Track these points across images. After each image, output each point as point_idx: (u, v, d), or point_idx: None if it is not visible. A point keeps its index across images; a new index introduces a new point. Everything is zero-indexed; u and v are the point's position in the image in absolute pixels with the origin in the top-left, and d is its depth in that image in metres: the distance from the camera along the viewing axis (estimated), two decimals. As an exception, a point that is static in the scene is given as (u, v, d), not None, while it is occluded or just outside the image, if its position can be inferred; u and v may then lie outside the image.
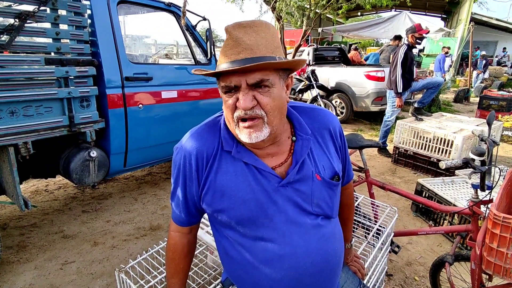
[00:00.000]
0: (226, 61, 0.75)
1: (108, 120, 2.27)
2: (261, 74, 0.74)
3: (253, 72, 0.74)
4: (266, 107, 0.76)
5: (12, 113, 1.76)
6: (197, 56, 3.08)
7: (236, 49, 0.74)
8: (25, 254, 2.19)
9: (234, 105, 0.77)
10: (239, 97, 0.75)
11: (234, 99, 0.77)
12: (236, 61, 0.74)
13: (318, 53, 7.24)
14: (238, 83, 0.75)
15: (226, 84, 0.76)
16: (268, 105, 0.76)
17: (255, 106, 0.75)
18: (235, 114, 0.78)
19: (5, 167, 1.88)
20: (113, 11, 2.31)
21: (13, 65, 1.75)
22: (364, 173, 2.03)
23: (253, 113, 0.76)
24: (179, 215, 0.96)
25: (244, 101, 0.74)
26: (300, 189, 0.86)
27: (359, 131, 5.82)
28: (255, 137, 0.77)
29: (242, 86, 0.75)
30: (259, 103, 0.76)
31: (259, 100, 0.76)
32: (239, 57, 0.74)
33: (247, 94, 0.75)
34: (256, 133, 0.77)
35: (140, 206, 2.89)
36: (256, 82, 0.74)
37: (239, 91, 0.76)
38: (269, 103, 0.76)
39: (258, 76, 0.74)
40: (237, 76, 0.74)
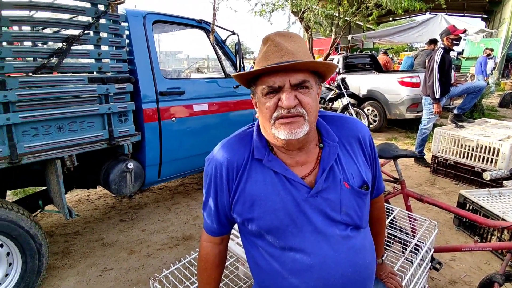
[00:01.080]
0: (269, 64, 0.80)
1: (144, 133, 2.38)
2: (303, 75, 0.80)
3: (296, 72, 0.79)
4: (307, 106, 0.81)
5: (59, 129, 1.91)
6: (227, 69, 3.16)
7: (279, 53, 0.80)
8: (68, 260, 2.33)
9: (275, 105, 0.81)
10: (282, 97, 0.79)
11: (275, 100, 0.81)
12: (279, 63, 0.78)
13: (348, 61, 7.14)
14: (282, 84, 0.79)
15: (269, 85, 0.81)
16: (309, 104, 0.81)
17: (297, 105, 0.80)
18: (274, 114, 0.82)
19: (53, 178, 2.03)
20: (148, 30, 2.45)
21: (61, 85, 1.90)
22: (400, 184, 1.94)
23: (295, 111, 0.80)
24: (211, 225, 0.99)
25: (288, 99, 0.78)
26: (329, 198, 0.86)
27: (394, 140, 5.60)
28: (296, 133, 0.80)
29: (286, 86, 0.79)
30: (301, 102, 0.80)
31: (300, 99, 0.80)
32: (282, 60, 0.79)
33: (290, 93, 0.79)
34: (297, 129, 0.80)
35: (173, 216, 2.98)
36: (298, 83, 0.80)
37: (280, 92, 0.80)
38: (310, 103, 0.81)
39: (300, 77, 0.80)
40: (281, 77, 0.79)
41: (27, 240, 1.86)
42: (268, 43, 0.83)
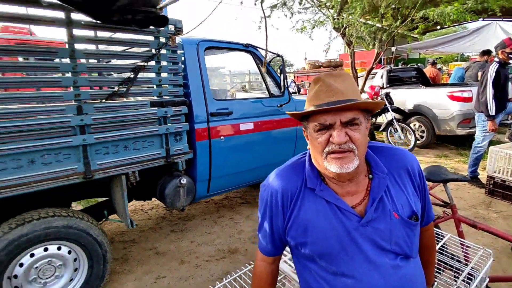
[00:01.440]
0: (320, 103, 0.88)
1: (196, 151, 2.57)
2: (352, 113, 0.87)
3: (347, 111, 0.86)
4: (357, 141, 0.87)
5: (125, 148, 2.16)
6: (271, 88, 3.29)
7: (330, 93, 0.88)
8: (127, 266, 2.56)
9: (327, 141, 0.88)
10: (333, 134, 0.86)
11: (327, 136, 0.88)
12: (330, 103, 0.86)
13: (392, 75, 6.95)
14: (333, 121, 0.87)
15: (321, 123, 0.88)
16: (359, 140, 0.87)
17: (347, 140, 0.86)
18: (326, 149, 0.89)
19: (118, 191, 2.27)
20: (201, 56, 2.67)
21: (128, 109, 2.16)
22: (450, 208, 1.89)
23: (346, 146, 0.86)
24: (266, 246, 1.07)
25: (339, 136, 0.85)
26: (379, 227, 0.90)
27: (444, 157, 5.31)
28: (347, 167, 0.86)
29: (336, 124, 0.86)
30: (351, 138, 0.87)
31: (350, 135, 0.87)
32: (333, 99, 0.87)
33: (341, 130, 0.86)
34: (348, 164, 0.86)
35: (219, 229, 3.12)
36: (349, 120, 0.86)
37: (331, 129, 0.87)
38: (359, 138, 0.87)
39: (350, 115, 0.86)
40: (332, 115, 0.86)
41: (94, 247, 2.09)
42: (319, 83, 0.91)
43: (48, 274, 1.99)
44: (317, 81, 0.93)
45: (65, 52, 1.87)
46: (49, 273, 1.99)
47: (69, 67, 1.88)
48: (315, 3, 6.90)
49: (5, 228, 1.81)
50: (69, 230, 1.98)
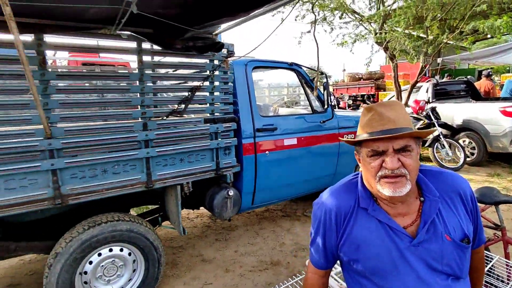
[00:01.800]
0: (373, 131, 0.96)
1: (242, 165, 2.72)
2: (404, 141, 0.93)
3: (399, 139, 0.93)
4: (409, 167, 0.93)
5: (181, 160, 2.36)
6: (314, 104, 3.38)
7: (382, 121, 0.95)
8: (176, 271, 2.74)
9: (379, 166, 0.95)
10: (386, 160, 0.94)
11: (379, 161, 0.95)
12: (384, 131, 0.94)
13: (439, 88, 6.68)
14: (386, 148, 0.94)
15: (374, 149, 0.96)
16: (411, 165, 0.93)
17: (400, 166, 0.93)
18: (379, 173, 0.95)
19: (172, 200, 2.48)
20: (249, 76, 2.85)
21: (185, 126, 2.37)
22: (501, 231, 1.82)
23: (398, 171, 0.93)
24: (318, 260, 1.15)
25: (391, 162, 0.92)
26: (431, 248, 0.94)
27: (496, 176, 4.98)
28: (399, 191, 0.93)
29: (389, 151, 0.94)
30: (403, 164, 0.93)
31: (403, 161, 0.93)
32: (385, 127, 0.94)
33: (394, 156, 0.93)
34: (400, 188, 0.92)
35: (261, 240, 3.22)
36: (401, 147, 0.93)
37: (384, 155, 0.94)
38: (411, 164, 0.93)
39: (402, 143, 0.93)
40: (385, 143, 0.94)
41: (151, 251, 2.29)
42: (372, 112, 0.99)
43: (112, 272, 2.21)
44: (369, 110, 1.00)
45: (135, 75, 2.13)
46: (112, 271, 2.22)
47: (138, 88, 2.14)
48: (357, 17, 6.91)
49: (80, 229, 2.06)
50: (131, 233, 2.19)
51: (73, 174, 1.98)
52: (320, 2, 6.51)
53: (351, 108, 11.98)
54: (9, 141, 1.77)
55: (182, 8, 1.63)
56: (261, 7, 1.66)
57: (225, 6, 1.61)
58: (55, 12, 1.60)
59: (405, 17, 5.57)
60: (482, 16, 5.80)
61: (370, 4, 7.00)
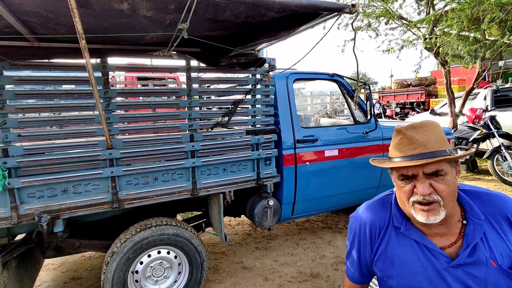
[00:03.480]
0: (402, 155, 0.95)
1: (283, 175, 2.77)
2: (436, 165, 0.90)
3: (429, 164, 0.89)
4: (442, 193, 0.89)
5: (224, 170, 2.49)
6: (356, 115, 3.32)
7: (411, 145, 0.93)
8: (218, 276, 2.85)
9: (411, 191, 0.93)
10: (417, 185, 0.91)
11: (411, 186, 0.93)
12: (412, 156, 0.92)
13: (499, 95, 6.12)
14: (416, 173, 0.92)
15: (404, 173, 0.94)
16: (444, 191, 0.89)
17: (432, 192, 0.90)
18: (411, 199, 0.93)
19: (215, 208, 2.61)
20: (290, 88, 2.91)
21: (228, 137, 2.50)
22: None
23: (430, 198, 0.90)
24: (353, 273, 1.16)
25: (422, 188, 0.90)
26: (473, 273, 0.90)
27: None
28: (433, 219, 0.90)
29: (419, 176, 0.91)
30: (435, 189, 0.90)
31: (435, 187, 0.90)
32: (414, 152, 0.92)
33: (424, 182, 0.90)
34: (434, 216, 0.90)
35: (301, 251, 3.22)
36: (432, 172, 0.90)
37: (415, 179, 0.92)
38: (445, 189, 0.89)
39: (434, 167, 0.90)
40: (415, 168, 0.91)
41: (195, 255, 2.42)
42: (400, 136, 0.96)
43: (159, 273, 2.38)
44: (398, 133, 0.98)
45: (184, 91, 2.32)
46: (159, 272, 2.38)
47: (186, 103, 2.32)
48: (404, 23, 6.64)
49: (133, 231, 2.26)
50: (177, 238, 2.35)
51: (128, 181, 2.20)
52: (364, 10, 6.39)
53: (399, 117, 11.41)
54: (77, 151, 2.03)
55: (227, 30, 1.76)
56: (301, 26, 1.72)
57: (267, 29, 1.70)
58: (119, 38, 1.83)
59: (459, 20, 5.23)
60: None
61: (419, 8, 6.69)
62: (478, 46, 5.60)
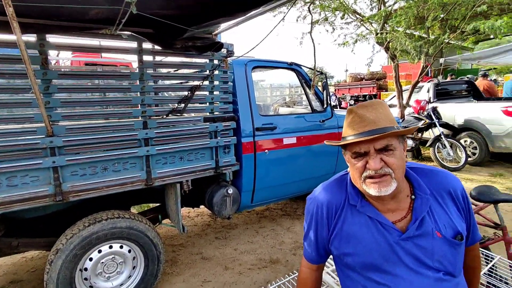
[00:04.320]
0: (354, 133, 0.98)
1: (242, 163, 2.75)
2: (385, 140, 0.94)
3: (379, 139, 0.94)
4: (392, 166, 0.94)
5: (181, 159, 2.39)
6: (313, 103, 3.39)
7: (362, 123, 0.97)
8: (176, 268, 2.76)
9: (363, 167, 0.97)
10: (369, 161, 0.95)
11: (363, 162, 0.97)
12: (363, 133, 0.95)
13: (440, 88, 6.68)
14: (367, 149, 0.95)
15: (356, 151, 0.98)
16: (394, 164, 0.94)
17: (383, 166, 0.94)
18: (363, 174, 0.97)
19: (172, 198, 2.51)
20: (249, 75, 2.87)
21: (185, 124, 2.40)
22: (501, 230, 1.83)
23: (382, 171, 0.94)
24: (310, 254, 1.18)
25: (374, 163, 0.94)
26: (421, 244, 0.95)
27: (498, 176, 4.97)
28: (385, 190, 0.94)
29: (371, 152, 0.95)
30: (386, 163, 0.94)
31: (386, 161, 0.95)
32: (365, 129, 0.96)
33: (376, 157, 0.95)
34: (386, 187, 0.94)
35: (261, 239, 3.24)
36: (382, 147, 0.94)
37: (367, 156, 0.96)
38: (395, 162, 0.95)
39: (383, 143, 0.94)
40: (366, 144, 0.95)
41: (150, 248, 2.31)
42: (352, 115, 1.00)
43: (112, 269, 2.24)
44: (350, 112, 1.02)
45: (136, 75, 2.17)
46: (112, 268, 2.24)
47: (139, 87, 2.17)
48: (358, 18, 6.92)
49: (81, 226, 2.09)
50: (131, 231, 2.22)
51: (74, 171, 2.01)
52: (321, 3, 6.53)
53: (353, 109, 11.94)
54: (11, 138, 1.80)
55: (181, 9, 1.66)
56: (258, 8, 1.68)
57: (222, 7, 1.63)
58: (57, 13, 1.64)
59: (406, 17, 5.57)
60: (483, 17, 5.79)
61: (371, 4, 7.00)
62: (423, 43, 6.03)
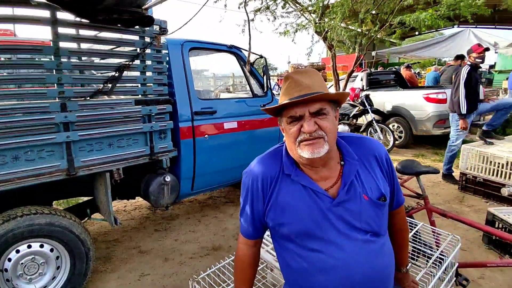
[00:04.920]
0: (290, 97, 0.97)
1: (180, 149, 2.61)
2: (320, 104, 0.96)
3: (314, 103, 0.95)
4: (325, 129, 0.96)
5: (110, 145, 2.17)
6: (254, 89, 3.36)
7: (298, 88, 0.97)
8: (110, 265, 2.55)
9: (298, 131, 0.97)
10: (304, 124, 0.95)
11: (298, 126, 0.97)
12: (299, 97, 0.95)
13: (372, 78, 7.19)
14: (303, 113, 0.95)
15: (292, 115, 0.97)
16: (328, 127, 0.96)
17: (317, 129, 0.95)
18: (298, 138, 0.97)
19: (101, 189, 2.28)
20: (185, 56, 2.71)
21: (113, 107, 2.17)
22: (423, 199, 2.01)
23: (316, 134, 0.95)
24: (247, 229, 1.14)
25: (308, 126, 0.94)
26: (350, 208, 0.99)
27: (421, 156, 5.54)
28: (318, 152, 0.95)
29: (306, 115, 0.95)
30: (320, 126, 0.95)
31: (319, 124, 0.95)
32: (301, 93, 0.96)
33: (310, 120, 0.95)
34: (318, 149, 0.95)
35: (203, 227, 3.15)
36: (316, 111, 0.95)
37: (302, 120, 0.96)
38: (328, 126, 0.96)
39: (318, 106, 0.95)
40: (301, 107, 0.95)
41: (77, 245, 2.08)
42: (289, 81, 1.00)
43: (33, 271, 1.98)
44: (286, 79, 1.02)
45: (50, 50, 1.88)
46: (33, 270, 1.98)
47: (54, 64, 1.89)
48: (298, 7, 7.07)
49: (-8, 224, 1.79)
50: (52, 227, 1.97)
51: (-28, 161, 1.70)
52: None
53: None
54: None
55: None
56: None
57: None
58: None
59: (342, 8, 5.85)
60: (410, 11, 6.34)
61: (311, -6, 7.20)
62: (357, 33, 6.41)
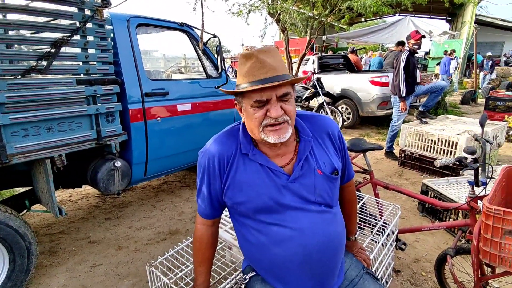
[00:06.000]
0: (256, 79, 0.93)
1: (130, 133, 2.47)
2: (286, 88, 0.94)
3: (281, 87, 0.93)
4: (290, 113, 0.96)
5: (49, 129, 1.97)
6: (208, 70, 3.27)
7: (264, 69, 0.93)
8: (56, 258, 2.38)
9: (264, 115, 0.95)
10: (270, 109, 0.93)
11: (264, 110, 0.94)
12: (266, 79, 0.92)
13: (322, 61, 7.43)
14: (269, 97, 0.93)
15: (258, 99, 0.93)
16: (291, 112, 0.96)
17: (283, 114, 0.94)
18: (263, 123, 0.95)
19: (41, 178, 2.08)
20: (132, 33, 2.53)
21: (50, 87, 1.96)
22: (369, 174, 2.17)
23: (281, 119, 0.94)
24: (204, 209, 1.13)
25: (275, 111, 0.93)
26: (305, 183, 1.02)
27: (366, 136, 5.94)
28: (283, 137, 0.95)
29: (273, 99, 0.93)
30: (285, 110, 0.95)
31: (284, 108, 0.95)
32: (267, 75, 0.92)
33: (277, 105, 0.94)
34: (284, 134, 0.95)
35: (159, 212, 3.07)
36: (283, 94, 0.94)
37: (268, 104, 0.94)
38: (292, 110, 0.96)
39: (284, 90, 0.94)
40: (269, 91, 0.92)
41: (16, 239, 1.90)
42: (253, 60, 0.94)
43: (-36, 271, 1.77)
44: (249, 57, 0.95)
45: (-35, 18, 1.62)
46: (-35, 270, 1.77)
47: (-28, 36, 1.64)
48: (250, -13, 6.95)
49: None
50: (-18, 222, 1.77)
51: None
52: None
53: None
54: None
55: None
56: None
57: None
58: None
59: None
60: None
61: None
62: (308, 17, 6.52)
